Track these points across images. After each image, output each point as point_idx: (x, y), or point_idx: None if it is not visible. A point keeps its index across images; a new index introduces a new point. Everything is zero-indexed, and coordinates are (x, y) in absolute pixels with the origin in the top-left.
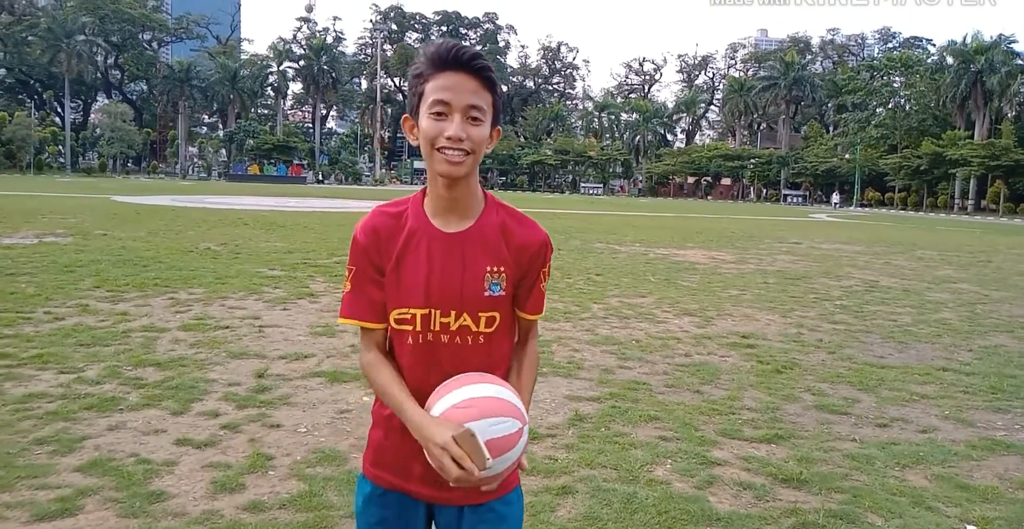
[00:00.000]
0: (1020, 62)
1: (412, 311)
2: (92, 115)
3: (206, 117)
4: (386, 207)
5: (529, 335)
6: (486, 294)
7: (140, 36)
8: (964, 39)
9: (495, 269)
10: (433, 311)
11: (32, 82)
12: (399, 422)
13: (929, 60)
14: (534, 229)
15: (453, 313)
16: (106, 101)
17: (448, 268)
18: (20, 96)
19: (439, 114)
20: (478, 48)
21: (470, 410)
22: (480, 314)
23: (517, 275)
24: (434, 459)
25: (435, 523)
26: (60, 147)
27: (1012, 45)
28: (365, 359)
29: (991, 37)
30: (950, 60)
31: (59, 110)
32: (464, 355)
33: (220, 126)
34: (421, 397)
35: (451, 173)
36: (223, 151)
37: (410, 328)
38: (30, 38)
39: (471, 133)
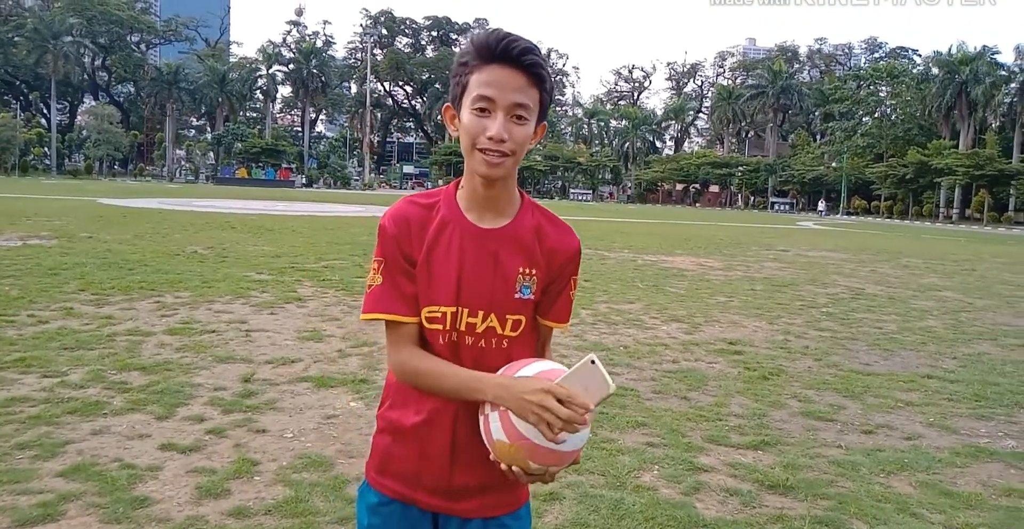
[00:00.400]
0: (1004, 73)
1: (442, 309)
2: (78, 117)
3: (194, 120)
4: (417, 198)
5: (547, 347)
6: (516, 296)
7: (128, 38)
8: (949, 50)
9: (527, 271)
10: (461, 309)
11: (18, 83)
12: (408, 427)
13: (915, 70)
14: (569, 234)
15: (481, 313)
16: (93, 103)
17: (480, 265)
18: (5, 97)
19: (482, 110)
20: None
21: (554, 371)
22: (508, 316)
23: (547, 279)
24: (532, 407)
25: None
26: (46, 149)
27: (996, 56)
28: (399, 358)
29: (976, 48)
30: (935, 70)
31: (45, 111)
32: (485, 359)
33: (208, 129)
34: (431, 398)
35: (490, 175)
36: (211, 154)
37: (440, 327)
38: (16, 39)
39: (514, 133)
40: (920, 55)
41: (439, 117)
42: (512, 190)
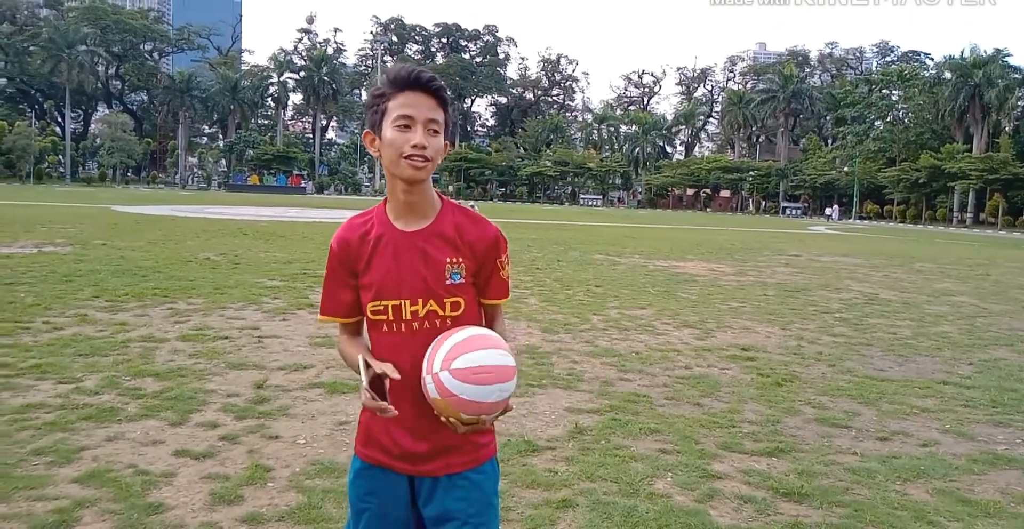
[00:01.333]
0: (1017, 76)
1: (384, 303)
2: (92, 125)
3: (206, 127)
4: (355, 219)
5: (495, 319)
6: (448, 282)
7: (141, 47)
8: (962, 53)
9: (455, 260)
10: (404, 301)
11: (33, 92)
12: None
13: (927, 74)
14: (485, 226)
15: (420, 301)
16: (106, 111)
17: (412, 262)
18: (21, 106)
19: (404, 126)
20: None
21: (487, 375)
22: (445, 300)
23: (474, 266)
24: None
25: (416, 494)
26: (60, 157)
27: (1008, 59)
28: (340, 340)
29: (988, 52)
30: (948, 74)
31: (59, 120)
32: (432, 338)
33: (220, 136)
34: (404, 374)
35: (415, 177)
36: (223, 161)
37: (384, 318)
38: (31, 48)
39: (431, 142)
40: (932, 59)
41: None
42: (430, 194)
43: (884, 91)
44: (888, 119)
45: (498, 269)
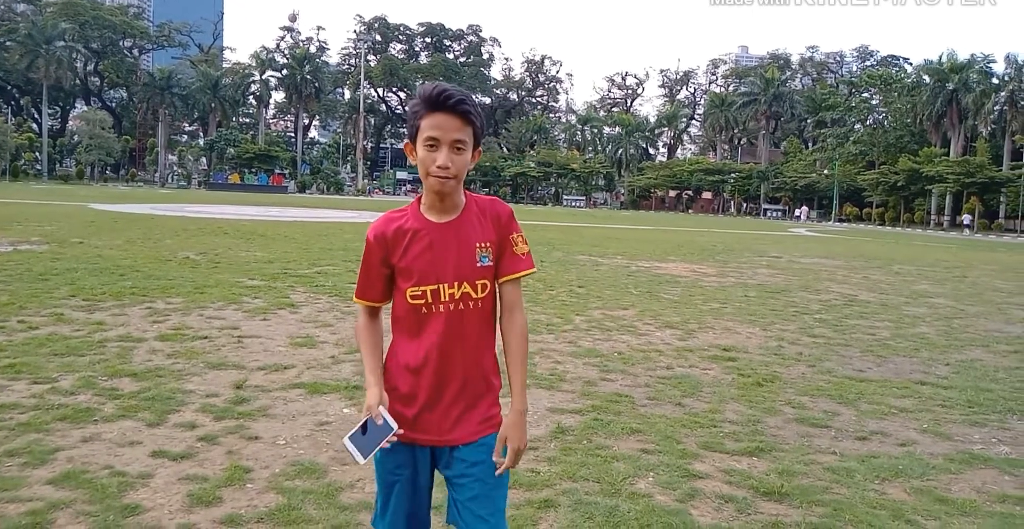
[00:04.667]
0: (995, 81)
1: (423, 288)
2: (70, 122)
3: (187, 125)
4: (390, 214)
5: (515, 305)
6: (478, 264)
7: (121, 43)
8: (939, 58)
9: (483, 244)
10: (441, 285)
11: (9, 88)
12: (402, 387)
13: (907, 79)
14: (499, 203)
15: (456, 284)
16: (85, 108)
17: (446, 249)
18: None
19: (431, 146)
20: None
21: None
22: (476, 282)
23: (498, 244)
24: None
25: (437, 459)
26: (37, 154)
27: (992, 65)
28: (358, 322)
29: (969, 56)
30: (926, 78)
31: (36, 116)
32: (464, 319)
33: (201, 134)
34: (435, 355)
35: (441, 191)
36: (203, 160)
37: (422, 302)
38: (8, 43)
39: (455, 161)
40: (911, 64)
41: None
42: (459, 195)
43: (864, 94)
44: (868, 122)
45: (511, 244)
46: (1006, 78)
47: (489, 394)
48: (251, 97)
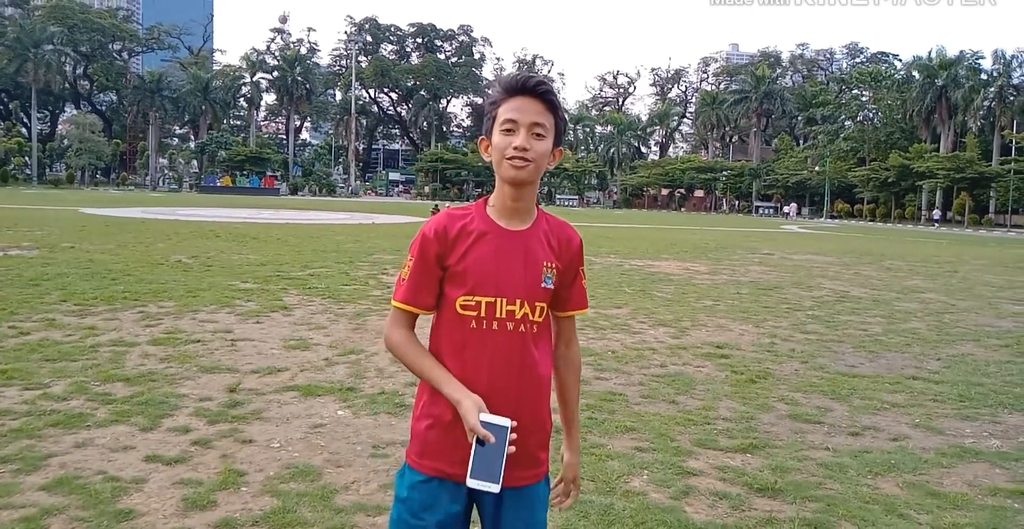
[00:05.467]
0: (983, 77)
1: (478, 298)
2: (60, 126)
3: (177, 128)
4: (454, 211)
5: (572, 336)
6: (542, 286)
7: (110, 46)
8: (929, 54)
9: (549, 264)
10: (500, 299)
11: None
12: (448, 414)
13: (896, 76)
14: (572, 231)
15: (518, 301)
16: (74, 112)
17: (513, 260)
18: None
19: (508, 130)
20: (542, 77)
21: None
22: (536, 304)
23: (563, 271)
24: (465, 424)
25: (477, 505)
26: (26, 158)
27: (980, 61)
28: (396, 335)
29: (959, 52)
30: (916, 75)
31: (25, 121)
32: (519, 341)
33: (191, 137)
34: (465, 378)
35: (516, 177)
36: (194, 162)
37: (474, 314)
38: None
39: (535, 145)
40: (901, 60)
41: (424, 124)
42: (532, 202)
43: (854, 91)
44: (858, 119)
45: (581, 277)
46: (994, 74)
47: (540, 433)
48: (242, 99)
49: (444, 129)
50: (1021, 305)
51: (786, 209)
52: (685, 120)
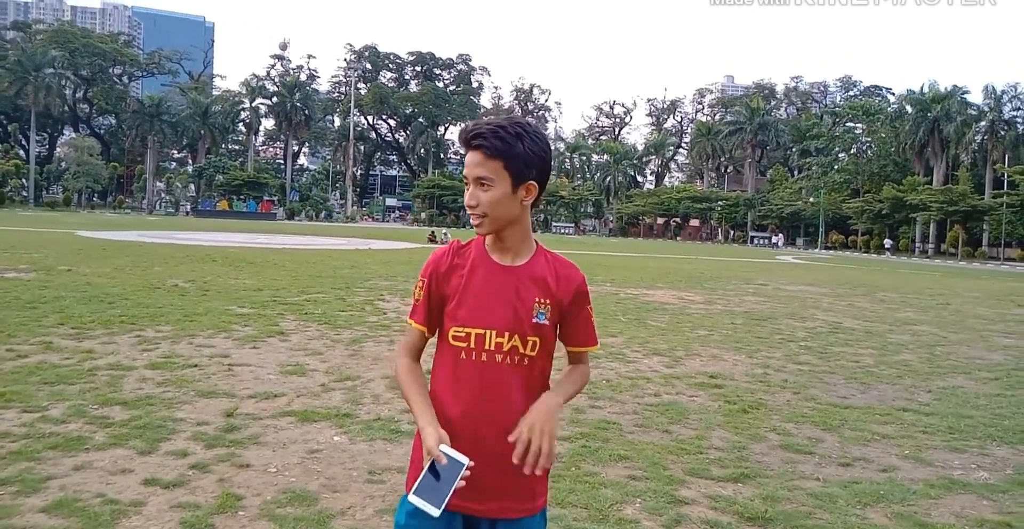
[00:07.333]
0: (974, 112)
1: (468, 330)
2: (58, 149)
3: (175, 152)
4: (456, 243)
5: (582, 359)
6: (534, 321)
7: (110, 70)
8: (921, 88)
9: (542, 301)
10: (490, 331)
11: None
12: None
13: (889, 109)
14: (575, 271)
15: (507, 334)
16: (73, 135)
17: (504, 294)
18: None
19: (466, 185)
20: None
21: None
22: (528, 338)
23: (561, 310)
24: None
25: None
26: (23, 180)
27: (966, 96)
28: (401, 364)
29: (948, 87)
30: (909, 108)
31: (24, 143)
32: (509, 373)
33: (189, 161)
34: (457, 407)
35: (478, 231)
36: (191, 186)
37: (464, 345)
38: None
39: (481, 198)
40: (894, 94)
41: (422, 151)
42: (523, 236)
43: (848, 124)
44: (852, 151)
45: (589, 316)
46: (985, 108)
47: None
48: (240, 124)
49: (442, 156)
50: (1012, 338)
51: (774, 239)
52: (681, 150)
